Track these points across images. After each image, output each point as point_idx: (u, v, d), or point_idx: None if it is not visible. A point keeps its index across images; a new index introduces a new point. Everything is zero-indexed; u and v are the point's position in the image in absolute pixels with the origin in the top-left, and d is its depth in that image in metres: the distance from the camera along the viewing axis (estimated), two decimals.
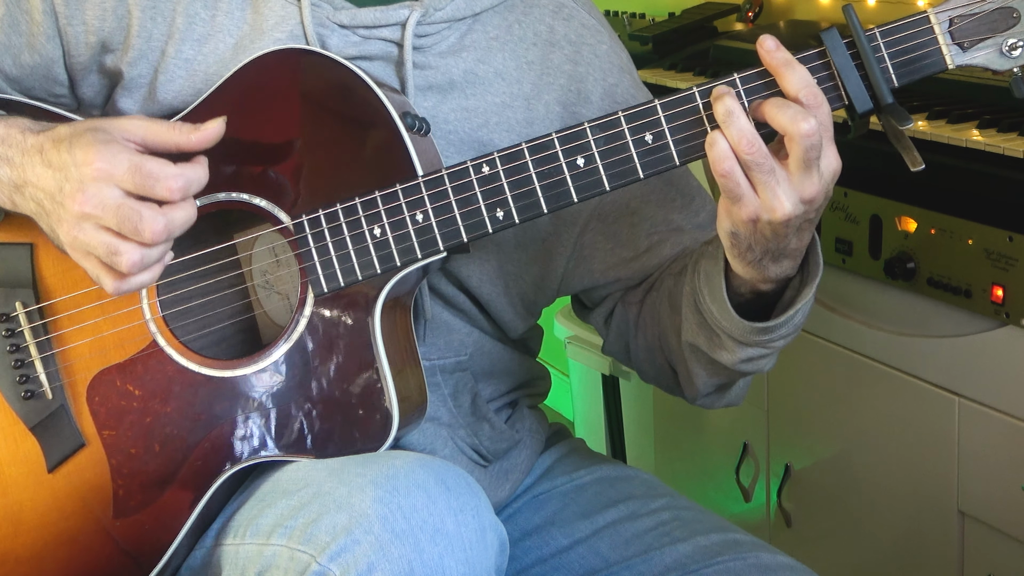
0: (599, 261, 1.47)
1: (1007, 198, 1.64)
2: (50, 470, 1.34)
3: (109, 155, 1.18)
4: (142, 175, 1.18)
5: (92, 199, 1.18)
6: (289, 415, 1.30)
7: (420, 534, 1.13)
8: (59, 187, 1.20)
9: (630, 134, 1.24)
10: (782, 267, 1.26)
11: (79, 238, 1.20)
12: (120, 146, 1.20)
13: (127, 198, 1.19)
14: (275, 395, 1.30)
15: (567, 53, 1.45)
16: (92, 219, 1.19)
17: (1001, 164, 1.63)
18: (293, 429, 1.30)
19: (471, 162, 1.26)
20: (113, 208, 1.18)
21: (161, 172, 1.19)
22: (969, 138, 1.67)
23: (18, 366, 1.34)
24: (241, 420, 1.30)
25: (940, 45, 1.21)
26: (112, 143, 1.20)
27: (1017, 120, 1.69)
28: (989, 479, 1.79)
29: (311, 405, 1.29)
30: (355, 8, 1.38)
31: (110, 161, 1.18)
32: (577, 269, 1.48)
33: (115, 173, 1.18)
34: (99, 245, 1.19)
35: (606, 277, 1.48)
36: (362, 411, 1.29)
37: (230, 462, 1.30)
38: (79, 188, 1.18)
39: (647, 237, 1.46)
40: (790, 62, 1.19)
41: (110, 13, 1.37)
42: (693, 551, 1.43)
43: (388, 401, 1.28)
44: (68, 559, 1.33)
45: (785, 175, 1.19)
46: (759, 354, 1.33)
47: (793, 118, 1.16)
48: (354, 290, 1.29)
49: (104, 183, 1.18)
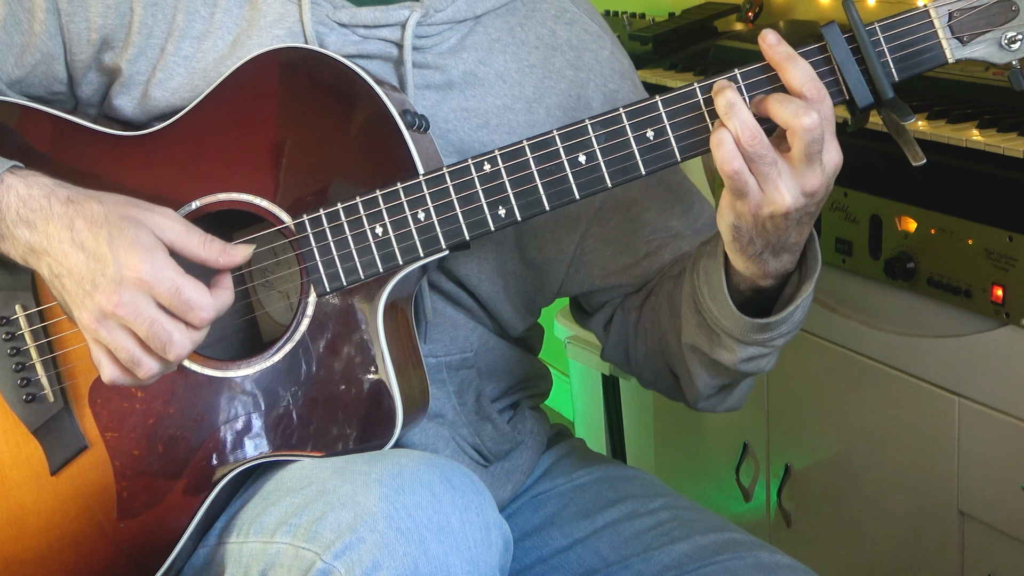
0: (599, 267, 1.47)
1: (1007, 198, 1.64)
2: (53, 473, 1.34)
3: (154, 267, 1.20)
4: (180, 300, 1.20)
5: (128, 305, 1.19)
6: (292, 414, 1.30)
7: (425, 532, 1.13)
8: (92, 278, 1.20)
9: (631, 130, 1.24)
10: (781, 261, 1.27)
11: (100, 332, 1.21)
12: (165, 259, 1.21)
13: (160, 313, 1.20)
14: (278, 395, 1.30)
15: (569, 58, 1.45)
16: (120, 320, 1.20)
17: (1001, 164, 1.63)
18: (296, 428, 1.30)
19: (472, 160, 1.26)
20: (147, 321, 1.20)
21: (198, 302, 1.21)
22: (969, 138, 1.68)
23: (19, 369, 1.34)
24: (244, 420, 1.30)
25: (940, 39, 1.21)
26: (155, 250, 1.21)
27: (1017, 120, 1.69)
28: (989, 479, 1.79)
29: (314, 404, 1.29)
30: (354, 7, 1.38)
31: (154, 275, 1.19)
32: (577, 274, 1.48)
33: (156, 289, 1.20)
34: (121, 350, 1.21)
35: (606, 282, 1.48)
36: (365, 410, 1.29)
37: (233, 462, 1.30)
38: (116, 289, 1.19)
39: (646, 243, 1.46)
40: (792, 56, 1.19)
41: (113, 10, 1.37)
42: (692, 550, 1.43)
43: (392, 399, 1.28)
44: (72, 561, 1.33)
45: (787, 167, 1.19)
46: (759, 353, 1.33)
47: (795, 112, 1.17)
48: (356, 289, 1.29)
49: (143, 293, 1.20)
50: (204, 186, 1.31)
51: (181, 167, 1.31)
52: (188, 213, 1.31)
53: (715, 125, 1.20)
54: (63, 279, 1.22)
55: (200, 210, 1.31)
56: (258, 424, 1.30)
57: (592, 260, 1.47)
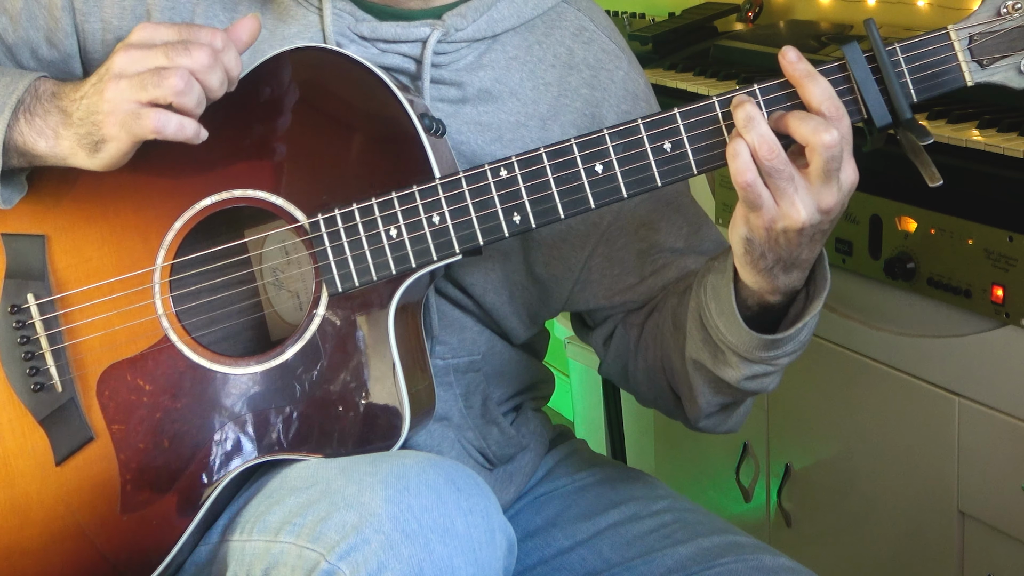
0: (604, 286, 1.47)
1: (1007, 198, 1.65)
2: (58, 463, 1.34)
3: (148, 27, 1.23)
4: (184, 28, 1.22)
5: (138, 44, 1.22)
6: (299, 413, 1.30)
7: (430, 534, 1.13)
8: (100, 74, 1.23)
9: (649, 141, 1.24)
10: (791, 278, 1.27)
11: (123, 79, 1.21)
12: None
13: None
14: (286, 393, 1.30)
15: (585, 77, 1.45)
16: (138, 48, 1.22)
17: (1001, 164, 1.63)
18: (303, 427, 1.30)
19: (489, 165, 1.26)
20: (162, 39, 1.22)
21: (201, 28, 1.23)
22: (969, 138, 1.68)
23: (28, 358, 1.34)
24: (251, 417, 1.30)
25: (960, 62, 1.21)
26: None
27: (1017, 120, 1.69)
28: (989, 479, 1.79)
29: (322, 404, 1.29)
30: (377, 22, 1.38)
31: (154, 26, 1.23)
32: (583, 292, 1.48)
33: (160, 29, 1.23)
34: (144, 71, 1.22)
35: (610, 301, 1.48)
36: (373, 411, 1.29)
37: (238, 459, 1.31)
38: (124, 49, 1.22)
39: (652, 263, 1.47)
40: (812, 74, 1.20)
41: (128, 12, 1.38)
42: (694, 553, 1.43)
43: (400, 402, 1.28)
44: (74, 552, 1.33)
45: (804, 183, 1.19)
46: (763, 371, 1.33)
47: (815, 129, 1.17)
48: (368, 291, 1.29)
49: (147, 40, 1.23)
50: (220, 182, 1.31)
51: (197, 163, 1.31)
52: (203, 208, 1.31)
53: (731, 136, 1.20)
54: (89, 96, 1.24)
55: (215, 206, 1.31)
56: (264, 422, 1.30)
57: (598, 279, 1.47)
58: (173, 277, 1.32)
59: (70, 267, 1.34)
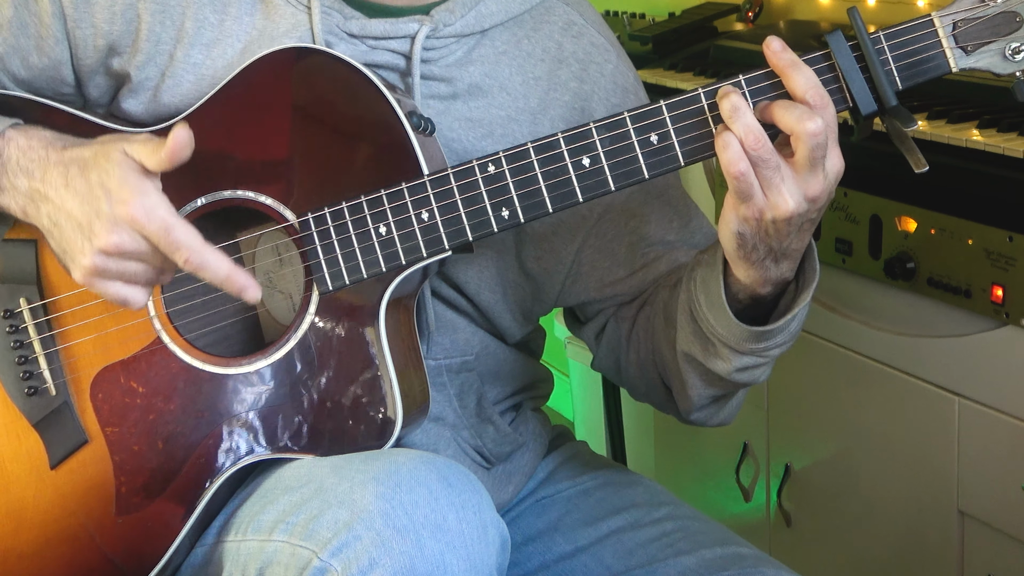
0: (595, 279, 1.47)
1: (1007, 198, 1.64)
2: (52, 467, 1.34)
3: (144, 204, 1.20)
4: (169, 240, 1.20)
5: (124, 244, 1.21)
6: (292, 413, 1.30)
7: (422, 530, 1.13)
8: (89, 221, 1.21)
9: (635, 134, 1.24)
10: (781, 269, 1.27)
11: (96, 284, 1.23)
12: (157, 195, 1.21)
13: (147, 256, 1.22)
14: (279, 393, 1.30)
15: (574, 71, 1.45)
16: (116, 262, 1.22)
17: (1001, 164, 1.63)
18: (296, 427, 1.30)
19: (476, 161, 1.27)
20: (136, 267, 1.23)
21: (187, 242, 1.20)
22: (969, 138, 1.68)
23: (22, 362, 1.34)
24: (244, 418, 1.30)
25: (944, 48, 1.21)
26: (146, 183, 1.21)
27: (1017, 120, 1.69)
28: (989, 479, 1.79)
29: (315, 403, 1.30)
30: (365, 19, 1.38)
31: (146, 215, 1.20)
32: (574, 285, 1.48)
33: (147, 228, 1.20)
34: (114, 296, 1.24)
35: (602, 294, 1.48)
36: (366, 410, 1.29)
37: (232, 460, 1.31)
38: (112, 229, 1.20)
39: (643, 255, 1.47)
40: (796, 63, 1.20)
41: (119, 16, 1.37)
42: (697, 564, 1.43)
43: (392, 400, 1.28)
44: (69, 556, 1.33)
45: (790, 172, 1.20)
46: (754, 363, 1.33)
47: (800, 118, 1.17)
48: (359, 289, 1.29)
49: (135, 232, 1.21)
50: (210, 183, 1.31)
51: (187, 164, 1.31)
52: (194, 210, 1.31)
53: (719, 129, 1.20)
54: (62, 226, 1.23)
55: (205, 207, 1.31)
56: (258, 422, 1.30)
57: (589, 272, 1.47)
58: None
59: (61, 271, 1.33)
